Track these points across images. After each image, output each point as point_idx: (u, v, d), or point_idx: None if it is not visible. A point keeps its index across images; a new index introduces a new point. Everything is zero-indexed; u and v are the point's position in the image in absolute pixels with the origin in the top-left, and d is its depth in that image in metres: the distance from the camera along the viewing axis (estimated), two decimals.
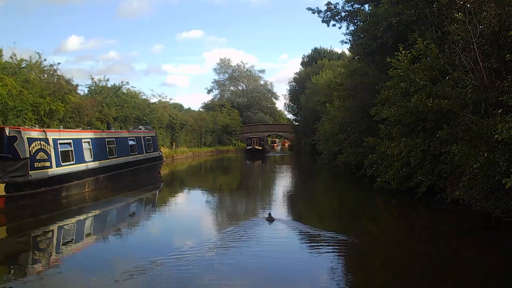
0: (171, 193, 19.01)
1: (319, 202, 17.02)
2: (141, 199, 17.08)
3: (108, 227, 11.84)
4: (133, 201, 16.40)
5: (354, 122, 19.02)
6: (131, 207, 15.14)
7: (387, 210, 14.74)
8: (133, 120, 35.50)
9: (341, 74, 29.93)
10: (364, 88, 18.53)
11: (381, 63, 19.28)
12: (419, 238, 10.30)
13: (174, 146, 45.42)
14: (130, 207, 15.15)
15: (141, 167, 20.92)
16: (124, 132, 21.39)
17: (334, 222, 13.07)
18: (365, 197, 16.85)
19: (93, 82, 36.22)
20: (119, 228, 11.70)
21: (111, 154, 18.10)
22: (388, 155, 14.30)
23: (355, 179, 20.25)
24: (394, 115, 13.56)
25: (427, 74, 13.37)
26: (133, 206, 15.53)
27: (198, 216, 13.62)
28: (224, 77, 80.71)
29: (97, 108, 31.78)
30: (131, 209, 14.84)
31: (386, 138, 15.41)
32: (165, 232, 11.33)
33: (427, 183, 13.21)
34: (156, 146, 23.86)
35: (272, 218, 11.30)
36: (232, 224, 11.73)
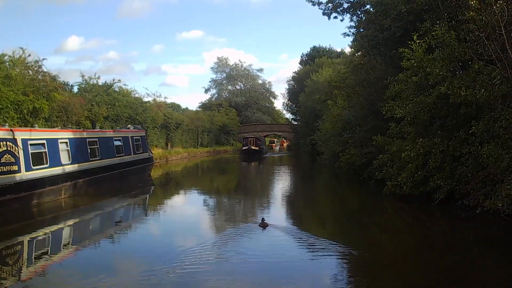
0: (161, 199, 17.37)
1: (319, 207, 15.48)
2: (126, 205, 15.45)
3: (86, 238, 10.32)
4: (117, 208, 14.76)
5: (359, 120, 17.46)
6: (115, 215, 13.49)
7: (399, 217, 13.22)
8: (125, 119, 33.88)
9: (343, 71, 28.51)
10: (370, 83, 17.00)
11: (389, 56, 17.78)
12: (436, 250, 9.10)
13: (169, 146, 43.88)
14: (113, 215, 13.51)
15: (129, 169, 19.25)
16: (109, 131, 19.69)
17: (337, 230, 11.74)
18: (372, 202, 15.31)
19: (84, 80, 34.57)
20: (98, 239, 10.24)
21: (93, 156, 16.46)
22: (400, 156, 12.75)
23: (359, 181, 18.72)
24: (409, 113, 11.99)
25: (447, 64, 11.83)
26: (117, 213, 13.90)
27: (187, 224, 12.18)
28: (221, 76, 79.37)
29: (87, 106, 30.14)
30: (114, 217, 13.15)
31: (397, 137, 13.87)
32: (151, 243, 9.86)
33: (446, 188, 11.67)
34: (146, 147, 22.18)
35: (266, 224, 10.36)
36: (221, 231, 10.64)
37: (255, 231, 10.32)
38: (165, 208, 14.99)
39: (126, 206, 15.29)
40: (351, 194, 18.19)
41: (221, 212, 14.32)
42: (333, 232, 11.30)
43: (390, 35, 17.84)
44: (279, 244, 9.33)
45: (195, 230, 11.16)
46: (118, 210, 14.39)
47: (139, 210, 15.10)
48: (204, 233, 10.66)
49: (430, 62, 12.10)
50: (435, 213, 12.26)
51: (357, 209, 14.69)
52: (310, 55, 71.08)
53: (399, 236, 11.03)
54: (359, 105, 17.27)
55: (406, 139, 13.33)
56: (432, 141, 11.80)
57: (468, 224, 11.15)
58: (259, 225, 10.44)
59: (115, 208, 14.67)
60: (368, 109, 16.85)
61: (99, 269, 7.47)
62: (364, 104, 16.98)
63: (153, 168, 30.63)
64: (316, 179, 25.83)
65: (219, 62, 79.15)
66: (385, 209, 14.33)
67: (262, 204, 15.87)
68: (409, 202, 13.35)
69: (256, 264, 7.88)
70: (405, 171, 12.37)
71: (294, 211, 14.64)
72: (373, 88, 16.66)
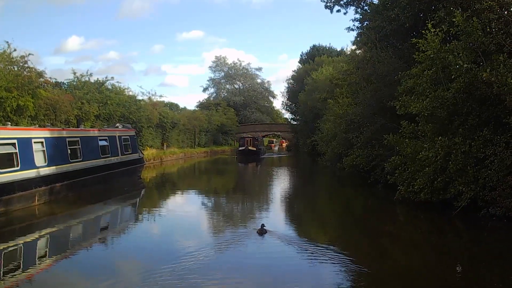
0: (150, 204, 15.75)
1: (322, 213, 14.04)
2: (111, 211, 13.95)
3: (59, 251, 8.94)
4: (99, 216, 13.25)
5: (366, 118, 16.03)
6: (95, 224, 12.04)
7: (413, 226, 11.80)
8: (118, 118, 32.41)
9: (346, 68, 27.13)
10: (378, 78, 15.57)
11: (398, 49, 16.39)
12: (458, 266, 8.18)
13: (165, 146, 42.46)
14: (93, 223, 12.05)
15: (116, 171, 17.71)
16: (93, 130, 18.14)
17: (342, 238, 10.49)
18: (381, 209, 13.90)
19: (75, 77, 33.08)
20: (75, 252, 8.89)
21: (74, 157, 14.91)
22: (415, 158, 11.34)
23: (365, 185, 17.34)
24: (427, 108, 10.56)
25: (468, 55, 10.43)
26: (99, 222, 12.42)
27: (176, 235, 10.71)
28: (220, 75, 78.40)
29: (76, 104, 28.68)
30: (94, 227, 11.77)
31: (409, 137, 12.46)
32: (137, 257, 8.54)
33: (468, 195, 10.27)
34: (136, 147, 20.60)
35: (265, 231, 9.53)
36: (212, 242, 9.43)
37: (249, 238, 9.39)
38: (154, 215, 13.50)
39: (110, 212, 13.78)
40: (357, 199, 16.75)
41: (214, 219, 12.86)
42: (338, 241, 10.16)
43: (398, 26, 16.53)
44: (277, 253, 8.49)
45: (184, 240, 9.74)
46: (100, 218, 12.89)
47: (124, 218, 13.58)
48: (193, 244, 9.22)
49: (450, 52, 10.68)
50: (456, 223, 10.86)
51: (364, 216, 13.30)
52: (310, 53, 69.96)
53: (414, 248, 9.66)
54: (365, 102, 15.84)
55: (421, 139, 11.91)
56: (452, 141, 10.38)
57: (494, 236, 9.85)
58: (257, 232, 9.53)
59: (96, 215, 13.17)
60: (376, 107, 15.43)
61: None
62: (371, 101, 15.55)
63: (145, 170, 29.35)
64: (318, 182, 24.36)
65: (217, 61, 78.35)
66: (396, 216, 12.92)
67: (259, 209, 14.45)
68: (425, 210, 11.95)
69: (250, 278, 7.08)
70: (422, 175, 10.94)
71: (294, 217, 13.27)
72: (382, 83, 15.24)
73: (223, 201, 16.73)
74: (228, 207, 15.25)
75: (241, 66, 77.65)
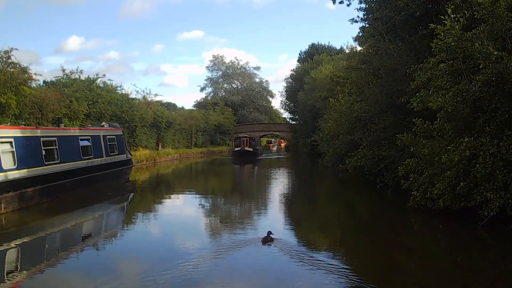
0: (136, 211, 14.23)
1: (325, 222, 12.57)
2: (87, 221, 12.28)
3: (25, 268, 7.57)
4: (74, 225, 11.59)
5: (373, 116, 14.61)
6: (68, 236, 10.55)
7: (431, 238, 10.41)
8: (109, 117, 30.97)
9: (347, 65, 25.75)
10: (387, 72, 14.17)
11: (408, 41, 15.01)
12: (484, 285, 7.03)
13: (160, 146, 41.03)
14: (65, 235, 10.56)
15: (100, 174, 16.23)
16: (73, 129, 16.59)
17: (350, 249, 9.39)
18: (392, 217, 12.49)
19: (64, 74, 31.61)
20: (43, 268, 7.53)
21: (50, 159, 13.38)
22: (433, 160, 9.95)
23: (372, 189, 15.96)
24: (450, 104, 9.15)
25: (496, 42, 9.05)
26: (72, 233, 10.84)
27: (169, 242, 9.57)
28: (217, 74, 77.24)
29: (64, 103, 27.22)
30: (67, 239, 10.30)
31: (424, 136, 11.06)
32: (112, 276, 7.16)
33: (497, 203, 8.87)
34: (123, 147, 19.06)
35: (270, 239, 8.68)
36: (203, 252, 8.30)
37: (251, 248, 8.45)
38: (139, 224, 12.06)
39: (87, 222, 12.14)
40: (364, 205, 15.28)
41: (204, 229, 11.43)
42: (342, 251, 9.08)
43: (408, 16, 15.22)
44: (277, 264, 7.72)
45: (172, 255, 8.36)
46: (75, 229, 11.24)
47: (105, 227, 12.05)
48: (179, 264, 7.83)
49: (475, 39, 9.29)
50: (483, 235, 9.47)
51: (372, 224, 11.88)
52: (309, 52, 68.96)
53: (432, 264, 8.28)
54: (373, 99, 14.42)
55: (440, 139, 10.51)
56: (478, 141, 8.98)
57: None
58: (262, 240, 8.68)
59: (71, 225, 11.52)
60: (385, 103, 14.03)
61: None
62: (379, 97, 14.14)
63: (137, 172, 27.92)
64: (319, 185, 22.90)
65: (214, 60, 77.34)
66: (410, 226, 11.52)
67: (255, 217, 13.04)
68: (444, 219, 10.56)
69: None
70: (441, 179, 9.54)
71: (293, 225, 11.83)
72: (391, 77, 13.84)
73: (215, 208, 15.22)
74: (220, 215, 13.80)
75: (239, 65, 76.61)
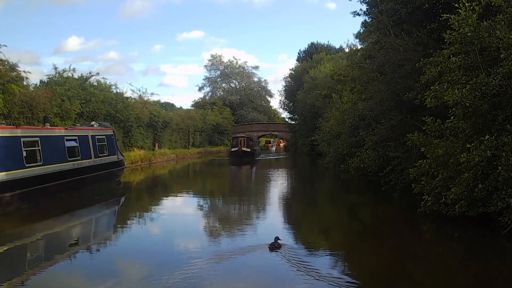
0: (126, 217, 13.15)
1: (329, 228, 11.69)
2: (70, 229, 11.20)
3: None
4: (55, 234, 10.53)
5: (378, 115, 13.71)
6: (48, 245, 9.57)
7: (445, 248, 9.48)
8: (103, 116, 30.06)
9: (350, 62, 24.92)
10: (393, 67, 13.28)
11: (415, 35, 14.12)
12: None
13: (156, 147, 40.13)
14: (45, 244, 9.60)
15: (88, 176, 15.28)
16: (58, 129, 15.54)
17: (355, 259, 8.56)
18: (401, 223, 11.57)
19: (56, 72, 30.67)
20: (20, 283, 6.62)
21: (31, 161, 12.41)
22: (448, 162, 9.06)
23: (376, 192, 15.11)
24: (468, 98, 8.26)
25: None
26: (51, 243, 9.85)
27: (162, 251, 8.62)
28: (215, 74, 76.36)
29: (55, 102, 26.29)
30: (47, 249, 9.35)
31: (436, 135, 10.17)
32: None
33: None
34: (114, 148, 18.02)
35: (278, 245, 8.20)
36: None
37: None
38: (128, 232, 11.11)
39: (70, 230, 11.16)
40: (368, 209, 14.34)
41: (203, 234, 10.53)
42: (347, 259, 8.38)
43: (415, 9, 14.36)
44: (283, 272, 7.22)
45: (171, 262, 7.48)
46: (54, 238, 10.19)
47: (91, 235, 11.06)
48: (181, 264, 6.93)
49: (494, 28, 8.42)
50: (505, 245, 8.57)
51: (379, 230, 10.99)
52: (308, 51, 68.18)
53: (446, 275, 7.47)
54: (378, 96, 13.53)
55: (454, 138, 9.63)
56: (500, 141, 8.10)
57: None
58: (269, 246, 8.17)
59: (50, 234, 10.46)
60: (391, 101, 13.14)
61: None
62: (385, 94, 13.25)
63: (131, 173, 27.00)
64: (320, 187, 21.99)
65: (213, 59, 76.69)
66: (421, 233, 10.64)
67: (252, 224, 12.14)
68: (459, 227, 9.68)
69: None
70: (458, 183, 8.66)
71: (294, 231, 10.92)
72: (398, 73, 12.95)
73: (211, 213, 14.26)
74: (217, 219, 12.89)
75: (237, 65, 75.88)
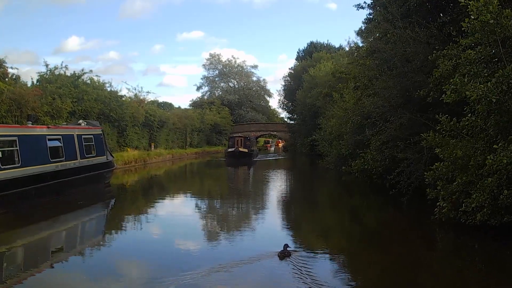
0: (113, 224, 12.13)
1: (334, 236, 10.72)
2: (48, 238, 10.16)
3: None
4: (31, 244, 9.52)
5: (386, 113, 12.68)
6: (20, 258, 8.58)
7: (464, 260, 8.49)
8: (96, 115, 29.03)
9: (352, 60, 23.96)
10: (402, 62, 12.28)
11: (425, 27, 13.13)
12: None
13: (152, 147, 39.11)
14: (17, 257, 8.60)
15: (73, 179, 14.22)
16: (40, 127, 14.35)
17: (362, 270, 7.79)
18: (412, 232, 10.52)
19: (48, 69, 29.59)
20: None
21: (7, 162, 11.34)
22: (468, 165, 8.07)
23: (382, 195, 14.13)
24: (493, 93, 7.27)
25: None
26: (25, 256, 8.85)
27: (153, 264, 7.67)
28: (214, 73, 75.36)
29: (46, 100, 25.27)
30: (25, 259, 8.34)
31: (451, 135, 9.17)
32: None
33: None
34: (103, 148, 16.93)
35: (288, 253, 7.69)
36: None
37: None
38: (115, 240, 10.10)
39: (51, 237, 10.19)
40: (375, 215, 13.27)
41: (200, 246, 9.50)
42: (354, 270, 7.66)
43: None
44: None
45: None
46: (30, 249, 9.20)
47: (71, 244, 10.02)
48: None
49: None
50: None
51: (389, 239, 9.99)
52: (307, 50, 67.37)
53: None
54: (386, 92, 12.51)
55: (471, 138, 8.65)
56: None
57: None
58: (278, 254, 7.65)
59: (27, 244, 9.46)
60: (400, 97, 12.14)
61: None
62: (394, 90, 12.24)
63: (125, 174, 25.99)
64: (321, 190, 20.87)
65: (211, 58, 75.69)
66: (434, 242, 9.68)
67: (254, 227, 11.15)
68: (481, 237, 8.68)
69: None
70: (480, 188, 7.66)
71: (297, 240, 9.92)
72: (407, 67, 11.95)
73: (206, 220, 13.17)
74: (212, 227, 11.87)
75: (236, 64, 74.92)
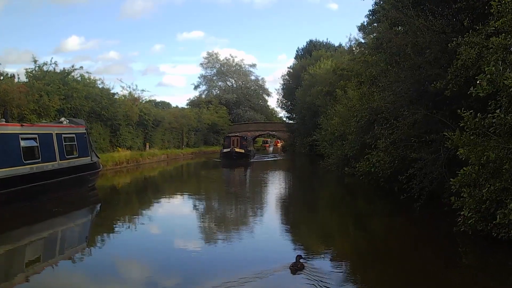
0: (94, 231, 10.94)
1: (341, 248, 9.45)
2: (21, 248, 9.01)
3: None
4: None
5: (398, 109, 11.39)
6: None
7: (495, 280, 7.18)
8: (86, 114, 27.73)
9: (352, 58, 22.73)
10: (415, 51, 11.00)
11: (439, 15, 11.85)
12: None
13: (147, 147, 37.83)
14: None
15: (51, 182, 12.81)
16: (11, 125, 12.69)
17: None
18: (430, 244, 9.21)
19: (36, 65, 28.22)
20: None
21: None
22: (501, 169, 6.81)
23: (391, 201, 12.93)
24: None
25: None
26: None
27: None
28: (211, 72, 74.16)
29: (32, 97, 23.95)
30: None
31: (476, 134, 7.90)
32: None
33: None
34: (86, 149, 15.48)
35: (301, 265, 7.01)
36: None
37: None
38: (96, 252, 8.82)
39: (22, 249, 9.01)
40: (385, 223, 11.81)
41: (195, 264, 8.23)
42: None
43: None
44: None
45: None
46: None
47: (47, 256, 8.79)
48: None
49: None
50: None
51: (403, 252, 8.75)
52: (307, 49, 66.09)
53: None
54: (398, 86, 11.21)
55: (499, 138, 7.39)
56: None
57: None
58: (290, 267, 7.01)
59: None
60: (414, 91, 10.87)
61: None
62: (407, 83, 10.96)
63: (116, 176, 24.67)
64: (323, 195, 19.51)
65: (209, 57, 74.42)
66: (457, 257, 8.38)
67: (256, 237, 9.88)
68: (504, 251, 7.43)
69: None
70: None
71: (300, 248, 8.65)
72: (423, 58, 10.67)
73: (197, 226, 12.01)
74: (207, 237, 10.63)
75: (234, 63, 73.71)
